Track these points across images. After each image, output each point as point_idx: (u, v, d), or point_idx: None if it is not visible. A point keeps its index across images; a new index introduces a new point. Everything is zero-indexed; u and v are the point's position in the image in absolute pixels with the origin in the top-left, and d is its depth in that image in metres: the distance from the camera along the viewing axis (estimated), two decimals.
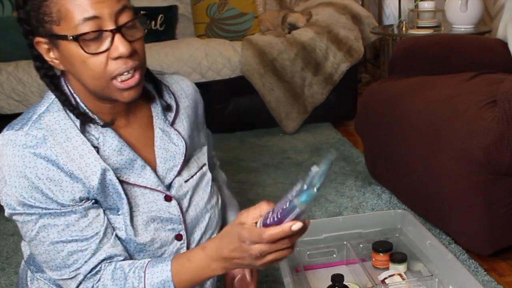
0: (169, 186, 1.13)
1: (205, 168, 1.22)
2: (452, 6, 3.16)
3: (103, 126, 1.05)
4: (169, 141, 1.13)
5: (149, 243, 1.09)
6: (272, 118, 3.22)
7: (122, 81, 0.98)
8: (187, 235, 1.15)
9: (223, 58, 3.15)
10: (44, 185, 0.99)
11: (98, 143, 1.05)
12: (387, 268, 1.71)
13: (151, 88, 1.14)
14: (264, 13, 3.65)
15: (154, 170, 1.11)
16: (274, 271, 1.77)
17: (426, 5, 3.47)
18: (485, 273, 1.74)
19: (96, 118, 1.05)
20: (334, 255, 1.79)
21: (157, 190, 1.10)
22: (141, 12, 1.00)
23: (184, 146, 1.15)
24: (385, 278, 1.64)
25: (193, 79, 3.05)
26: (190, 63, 3.12)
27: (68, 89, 1.06)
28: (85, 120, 1.04)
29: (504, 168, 1.69)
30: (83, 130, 1.04)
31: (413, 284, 1.60)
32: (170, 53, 3.13)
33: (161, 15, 3.54)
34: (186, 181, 1.16)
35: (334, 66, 3.24)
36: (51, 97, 1.05)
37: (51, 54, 1.01)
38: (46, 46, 1.00)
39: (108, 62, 0.97)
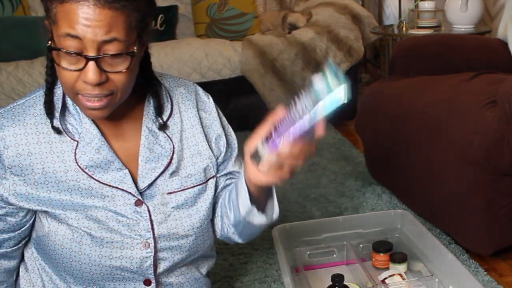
0: (147, 188, 1.12)
1: (210, 182, 1.19)
2: (452, 6, 3.16)
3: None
4: (155, 142, 1.13)
5: (108, 239, 1.09)
6: None
7: (87, 99, 0.98)
8: (156, 246, 1.12)
9: (223, 58, 3.15)
10: None
11: (79, 138, 1.07)
12: (387, 268, 1.71)
13: (146, 88, 1.13)
14: (264, 13, 3.65)
15: (135, 169, 1.11)
16: (274, 271, 1.77)
17: (426, 5, 3.47)
18: (485, 273, 1.73)
19: (70, 109, 1.07)
20: (334, 255, 1.79)
21: (127, 192, 1.09)
22: (134, 48, 0.97)
23: (172, 149, 1.14)
24: (385, 278, 1.64)
25: (193, 79, 3.05)
26: (190, 63, 3.12)
27: None
28: (51, 109, 1.06)
29: (504, 168, 1.69)
30: (62, 120, 1.06)
31: (413, 284, 1.60)
32: (170, 53, 3.13)
33: (161, 15, 3.53)
34: (169, 193, 1.14)
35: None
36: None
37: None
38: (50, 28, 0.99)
39: (78, 80, 0.96)
